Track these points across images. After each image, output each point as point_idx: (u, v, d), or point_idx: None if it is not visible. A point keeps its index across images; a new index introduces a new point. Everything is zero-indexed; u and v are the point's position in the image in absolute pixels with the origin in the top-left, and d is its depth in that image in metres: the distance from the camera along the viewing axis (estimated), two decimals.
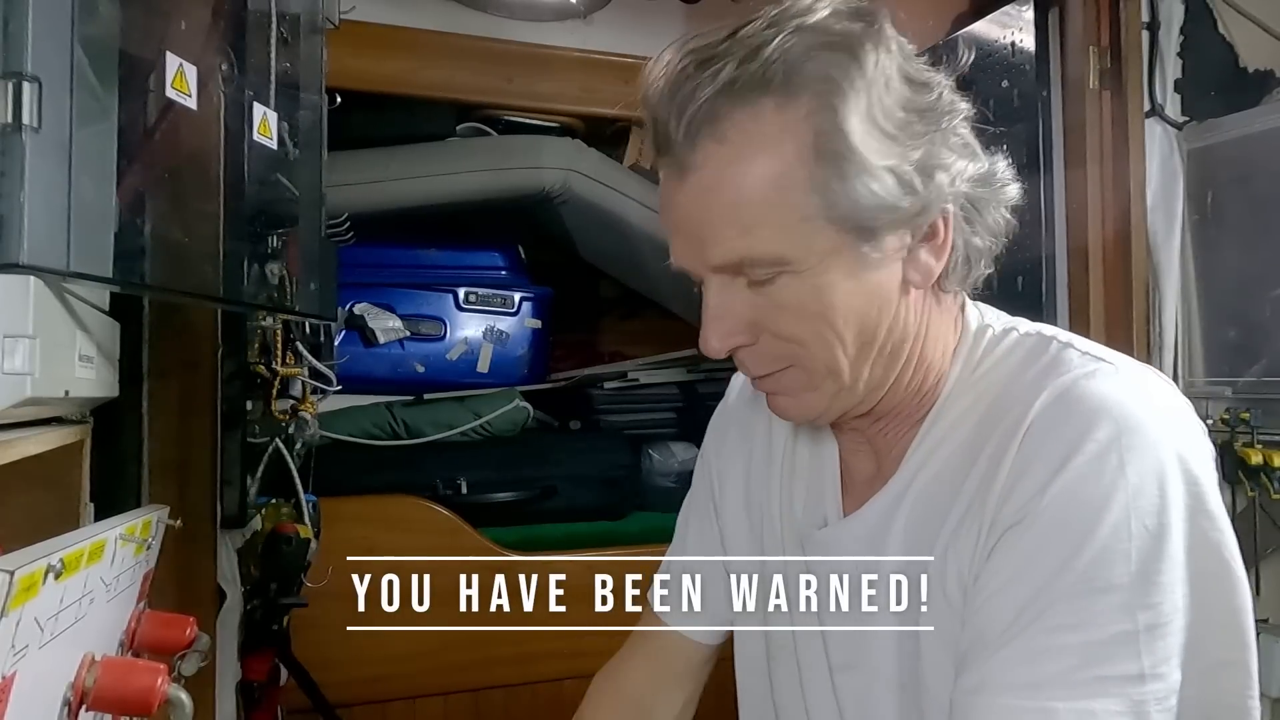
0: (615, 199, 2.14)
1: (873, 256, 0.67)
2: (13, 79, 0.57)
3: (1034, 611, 0.63)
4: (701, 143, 0.65)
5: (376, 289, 2.18)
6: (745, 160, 0.65)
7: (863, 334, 0.69)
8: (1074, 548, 0.63)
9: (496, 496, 2.08)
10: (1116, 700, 0.61)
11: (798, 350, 0.70)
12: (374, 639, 1.91)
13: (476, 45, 2.08)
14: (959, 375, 0.76)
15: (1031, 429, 0.67)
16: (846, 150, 0.64)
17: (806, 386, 0.72)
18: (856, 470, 0.82)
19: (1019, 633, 0.64)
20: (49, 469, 0.81)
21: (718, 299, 0.69)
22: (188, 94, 0.77)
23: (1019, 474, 0.66)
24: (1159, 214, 1.67)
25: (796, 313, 0.68)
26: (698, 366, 2.43)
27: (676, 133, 0.65)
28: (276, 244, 1.03)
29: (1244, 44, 1.72)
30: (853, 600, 0.79)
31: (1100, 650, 0.62)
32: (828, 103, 0.64)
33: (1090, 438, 0.64)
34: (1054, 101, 1.73)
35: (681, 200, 0.68)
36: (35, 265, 0.59)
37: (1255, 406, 1.58)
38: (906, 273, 0.70)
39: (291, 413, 1.49)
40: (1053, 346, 0.73)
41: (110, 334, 0.93)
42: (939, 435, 0.75)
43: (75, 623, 0.61)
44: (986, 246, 0.75)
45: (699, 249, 0.68)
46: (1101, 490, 0.63)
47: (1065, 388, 0.67)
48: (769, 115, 0.64)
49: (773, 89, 0.64)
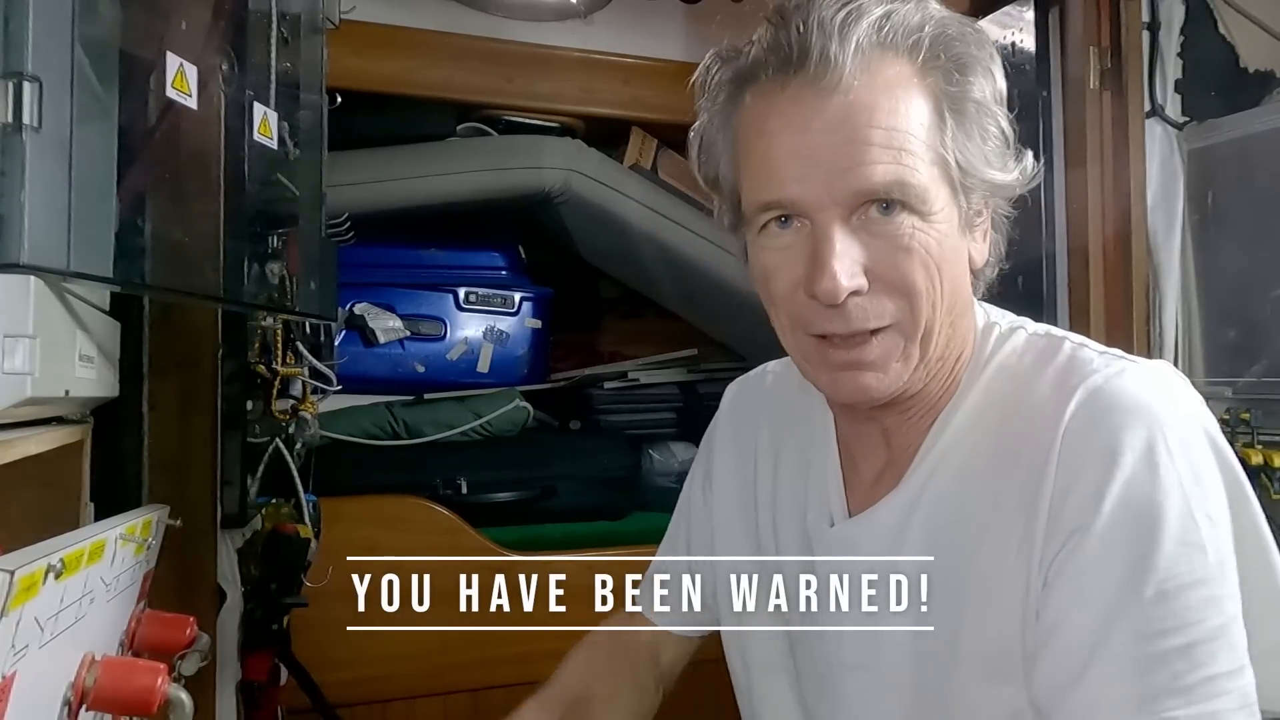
0: (615, 199, 2.14)
1: (965, 222, 0.70)
2: (13, 79, 0.57)
3: (1126, 622, 0.62)
4: (863, 67, 0.65)
5: (377, 289, 2.17)
6: (899, 90, 0.66)
7: (953, 294, 0.70)
8: (1148, 549, 0.62)
9: (496, 496, 2.08)
10: (1231, 697, 0.60)
11: (904, 305, 0.68)
12: (374, 639, 1.91)
13: (477, 45, 2.07)
14: (972, 371, 0.76)
15: (1069, 432, 0.66)
16: (974, 111, 0.68)
17: (898, 356, 0.70)
18: (862, 466, 0.82)
19: (1116, 646, 0.62)
20: (49, 469, 0.81)
21: (844, 239, 0.66)
22: (188, 94, 0.77)
23: (1069, 480, 0.65)
24: (1159, 214, 1.67)
25: (920, 258, 0.67)
26: (698, 366, 2.43)
27: (836, 50, 0.64)
28: (277, 244, 1.03)
29: (1244, 44, 1.72)
30: (870, 600, 0.77)
31: (1204, 649, 0.61)
32: (965, 72, 0.68)
33: (1136, 436, 0.64)
34: (1054, 102, 1.73)
35: (831, 114, 0.65)
36: (35, 265, 0.59)
37: (1255, 407, 1.58)
38: (971, 250, 0.73)
39: (292, 412, 1.49)
40: (1066, 346, 0.73)
41: (110, 334, 0.93)
42: (954, 433, 0.74)
43: (75, 622, 0.61)
44: (996, 245, 0.77)
45: (838, 173, 0.65)
46: (1160, 486, 0.63)
47: (1097, 388, 0.67)
48: (917, 69, 0.67)
49: (922, 50, 0.67)
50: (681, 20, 2.19)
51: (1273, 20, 1.72)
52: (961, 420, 0.74)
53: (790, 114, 0.66)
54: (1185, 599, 0.61)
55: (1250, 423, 1.58)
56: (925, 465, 0.75)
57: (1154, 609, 0.61)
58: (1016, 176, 0.72)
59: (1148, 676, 0.60)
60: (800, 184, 0.66)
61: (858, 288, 0.67)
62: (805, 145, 0.66)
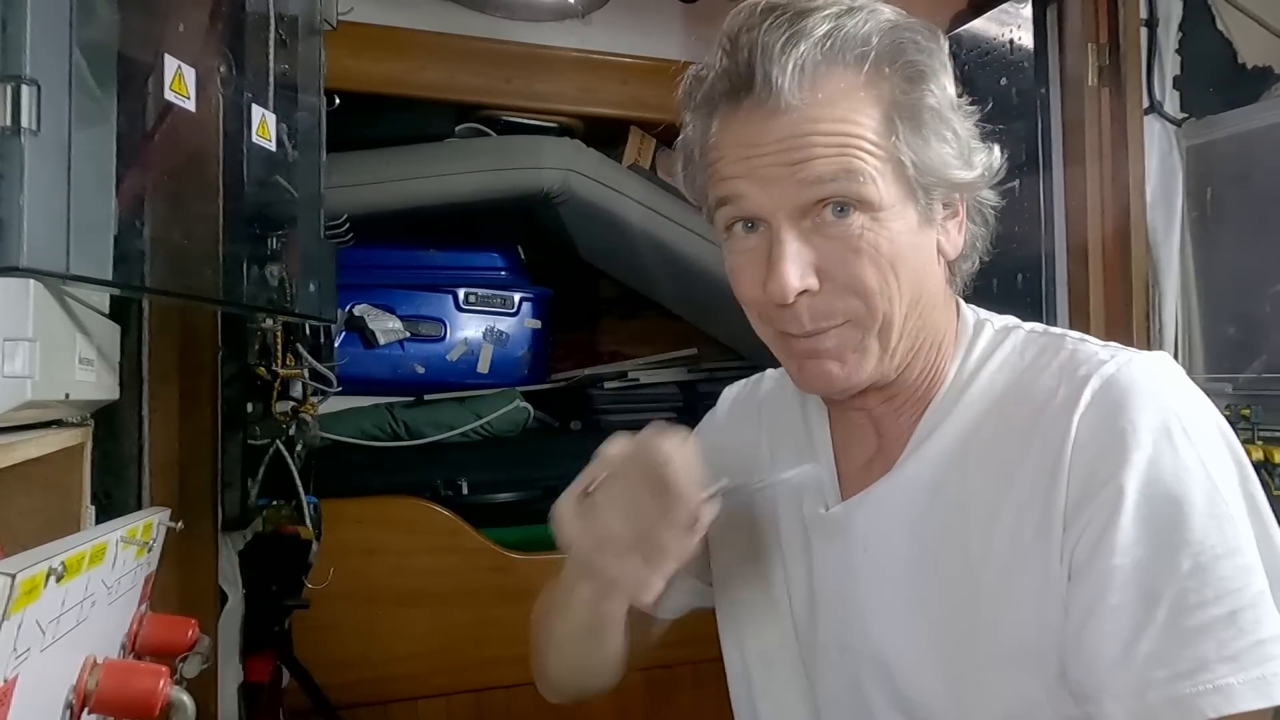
0: (615, 199, 2.14)
1: (925, 217, 0.73)
2: (11, 82, 0.57)
3: (1168, 597, 0.63)
4: (805, 87, 0.68)
5: (376, 290, 2.18)
6: (845, 101, 0.69)
7: (914, 289, 0.72)
8: (1179, 523, 0.63)
9: (497, 497, 2.09)
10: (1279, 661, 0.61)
11: (857, 304, 0.71)
12: (376, 640, 1.91)
13: (475, 46, 2.07)
14: (962, 363, 0.78)
15: (1086, 416, 0.68)
16: (928, 116, 0.71)
17: (856, 348, 0.73)
18: (854, 454, 0.83)
19: (1160, 621, 0.63)
20: (50, 472, 0.81)
21: (793, 242, 0.70)
22: (186, 96, 0.77)
23: (1090, 463, 0.67)
24: (1158, 211, 1.67)
25: (870, 257, 0.70)
26: (698, 366, 2.43)
27: (776, 75, 0.67)
28: (276, 245, 1.02)
29: (1242, 40, 1.72)
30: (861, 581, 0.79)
31: (1248, 615, 0.62)
32: (915, 79, 0.71)
33: (1153, 418, 0.66)
34: (1053, 99, 1.73)
35: (777, 130, 0.69)
36: (35, 268, 0.59)
37: (1255, 403, 1.58)
38: (939, 242, 0.75)
39: (292, 414, 1.49)
40: (1068, 341, 0.75)
41: (110, 336, 0.93)
42: (953, 422, 0.76)
43: (77, 626, 0.61)
44: (979, 238, 0.80)
45: (787, 181, 0.69)
46: (1182, 463, 0.65)
47: (1110, 375, 0.69)
48: (864, 79, 0.70)
49: (867, 61, 0.70)
50: (680, 20, 2.19)
51: (1271, 16, 1.72)
52: (961, 410, 0.76)
53: (743, 135, 0.71)
54: (1221, 568, 0.62)
55: (1250, 419, 1.58)
56: (922, 451, 0.76)
57: (1192, 580, 0.62)
58: (980, 173, 0.75)
59: (1195, 647, 0.61)
60: (750, 189, 0.71)
61: (807, 288, 0.70)
62: (754, 156, 0.70)
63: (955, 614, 0.73)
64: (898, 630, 0.76)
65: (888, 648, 0.77)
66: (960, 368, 0.78)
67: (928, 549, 0.75)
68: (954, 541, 0.73)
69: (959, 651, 0.72)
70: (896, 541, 0.77)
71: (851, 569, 0.80)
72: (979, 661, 0.71)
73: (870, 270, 0.70)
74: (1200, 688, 0.61)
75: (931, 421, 0.77)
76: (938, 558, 0.74)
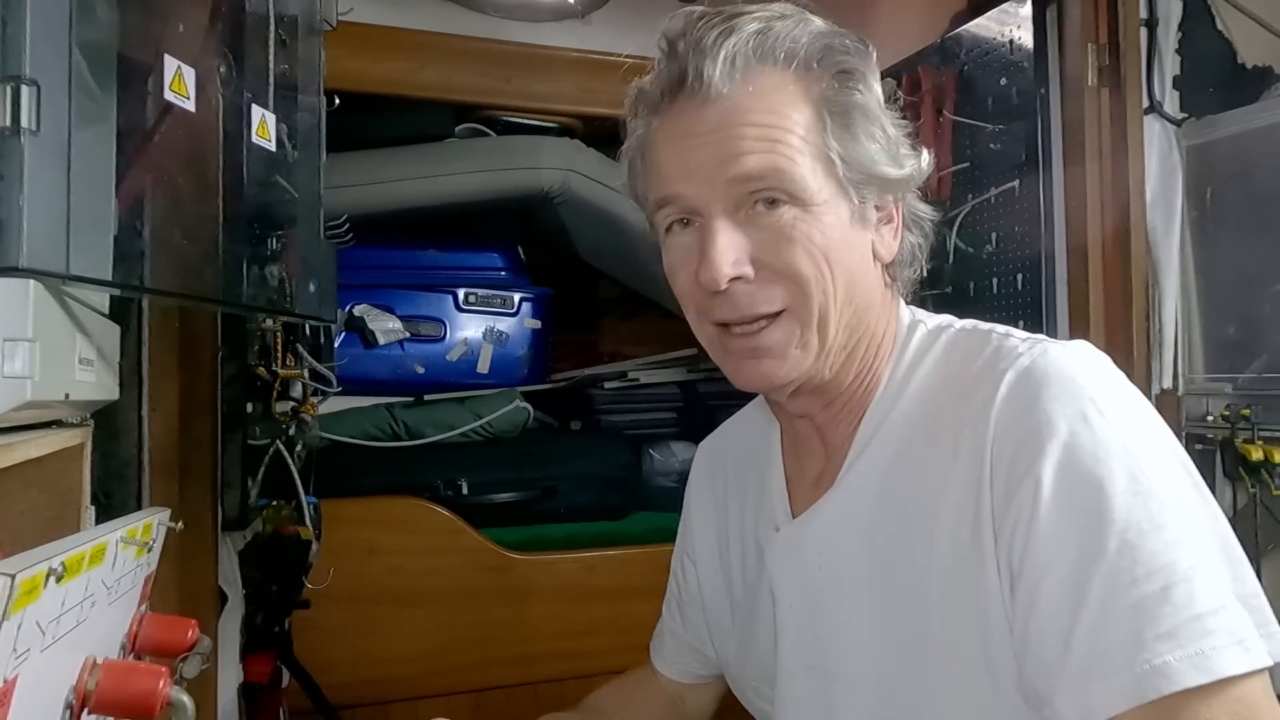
0: (614, 199, 2.14)
1: (858, 216, 0.74)
2: (11, 82, 0.57)
3: (1098, 580, 0.61)
4: (736, 78, 0.70)
5: (376, 290, 2.17)
6: (775, 95, 0.71)
7: (849, 284, 0.73)
8: (1101, 503, 0.62)
9: (497, 497, 2.08)
10: (1219, 635, 0.59)
11: (794, 290, 0.72)
12: (375, 640, 1.91)
13: (474, 46, 2.07)
14: (895, 366, 0.79)
15: (1001, 410, 0.68)
16: (857, 115, 0.73)
17: (796, 343, 0.73)
18: (806, 468, 0.84)
19: (1093, 604, 0.61)
20: (49, 472, 0.81)
21: (725, 231, 0.71)
22: (186, 96, 0.77)
23: (1007, 456, 0.66)
24: (1158, 211, 1.67)
25: (803, 246, 0.71)
26: (698, 366, 2.43)
27: (708, 67, 0.70)
28: (276, 246, 1.02)
29: (1242, 40, 1.72)
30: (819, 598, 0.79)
31: (1181, 590, 0.60)
32: (844, 77, 0.73)
33: (1067, 405, 0.66)
34: (1053, 99, 1.72)
35: (709, 121, 0.71)
36: (34, 268, 0.59)
37: (1255, 403, 1.58)
38: (874, 244, 0.77)
39: (292, 414, 1.49)
40: (993, 337, 0.75)
41: (110, 337, 0.93)
42: (889, 428, 0.76)
43: (77, 626, 0.61)
44: (917, 245, 0.81)
45: (719, 168, 0.71)
46: (1099, 443, 0.64)
47: (1025, 368, 0.69)
48: (793, 76, 0.72)
49: (796, 59, 0.72)
50: None
51: (1270, 16, 1.72)
52: (897, 414, 0.76)
53: (676, 126, 0.73)
54: (1149, 544, 0.61)
55: (1250, 419, 1.58)
56: (862, 461, 0.77)
57: (1121, 560, 0.61)
58: (909, 173, 0.76)
59: (1130, 627, 0.60)
60: (684, 182, 0.73)
61: (740, 274, 0.71)
62: (688, 148, 0.72)
63: (910, 624, 0.72)
64: (860, 645, 0.75)
65: (852, 663, 0.76)
66: (894, 370, 0.78)
67: (880, 560, 0.74)
68: (902, 550, 0.73)
69: (918, 662, 0.71)
70: (850, 555, 0.76)
71: (809, 587, 0.79)
72: (937, 671, 0.70)
73: (804, 258, 0.71)
74: (1139, 669, 0.59)
75: (870, 427, 0.77)
76: (889, 568, 0.74)
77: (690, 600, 1.00)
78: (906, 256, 0.80)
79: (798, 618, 0.80)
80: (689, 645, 1.02)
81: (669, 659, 1.04)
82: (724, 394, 2.39)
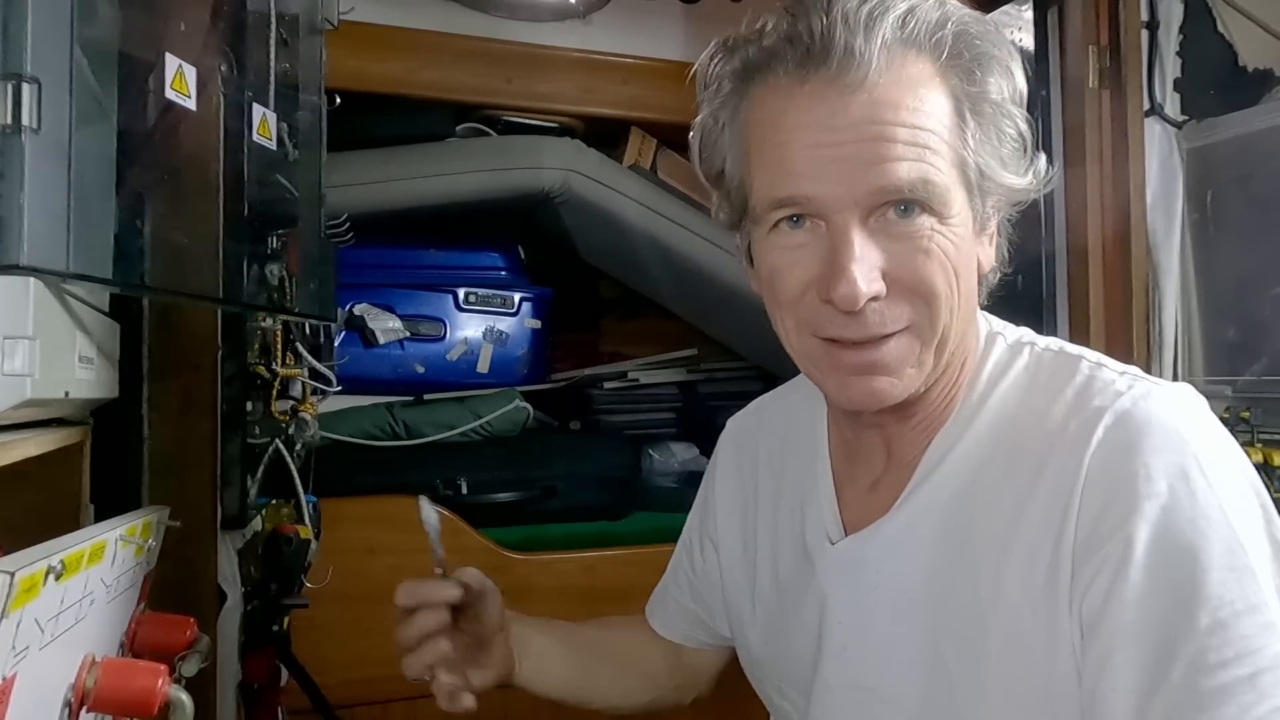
0: (615, 199, 2.14)
1: (980, 226, 0.69)
2: (12, 80, 0.57)
3: (1184, 656, 0.58)
4: (889, 63, 0.62)
5: (376, 289, 2.17)
6: (923, 89, 0.64)
7: (968, 301, 0.69)
8: (1197, 576, 0.59)
9: (497, 497, 2.08)
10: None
11: (922, 309, 0.66)
12: (375, 640, 1.91)
13: (475, 46, 2.07)
14: (973, 383, 0.73)
15: (1098, 455, 0.63)
16: (994, 115, 0.66)
17: (913, 361, 0.67)
18: (859, 475, 0.79)
19: (1176, 681, 0.58)
20: (49, 470, 0.81)
21: (863, 243, 0.63)
22: (187, 95, 0.77)
23: (1100, 506, 0.62)
24: (1159, 213, 1.67)
25: (939, 261, 0.65)
26: (698, 366, 2.43)
27: (859, 42, 0.61)
28: (276, 245, 1.03)
29: (1243, 43, 1.72)
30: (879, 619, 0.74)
31: (1269, 678, 0.57)
32: (985, 71, 0.66)
33: (1170, 461, 0.61)
34: (1053, 101, 1.73)
35: (854, 113, 0.62)
36: (35, 266, 0.59)
37: (1255, 405, 1.58)
38: (979, 255, 0.71)
39: (292, 413, 1.49)
40: (1084, 366, 0.70)
41: (110, 335, 0.93)
42: (964, 448, 0.71)
43: (76, 624, 0.61)
44: (1002, 249, 0.76)
45: (861, 171, 0.62)
46: (1200, 511, 0.60)
47: (1125, 410, 0.64)
48: (938, 67, 0.65)
49: (944, 47, 0.65)
50: (681, 20, 2.19)
51: (1271, 19, 1.72)
52: (972, 435, 0.71)
53: (811, 110, 0.63)
54: (1242, 626, 0.58)
55: (1250, 421, 1.58)
56: (934, 479, 0.72)
57: (1211, 639, 0.58)
58: (1030, 180, 0.70)
59: (1214, 711, 0.57)
60: (819, 182, 0.64)
61: (877, 293, 0.64)
62: (827, 142, 0.63)
63: (965, 656, 0.68)
64: (909, 670, 0.72)
65: (898, 688, 0.72)
66: (973, 385, 0.73)
67: (940, 585, 0.70)
68: (965, 578, 0.69)
69: (969, 695, 0.68)
70: (910, 575, 0.72)
71: (862, 605, 0.75)
72: (990, 706, 0.67)
73: (939, 274, 0.65)
74: None
75: (944, 445, 0.72)
76: (949, 594, 0.70)
77: (706, 583, 0.96)
78: (997, 263, 0.75)
79: (845, 635, 0.76)
80: (696, 617, 0.99)
81: (672, 624, 1.00)
82: (724, 394, 2.40)
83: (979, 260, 0.71)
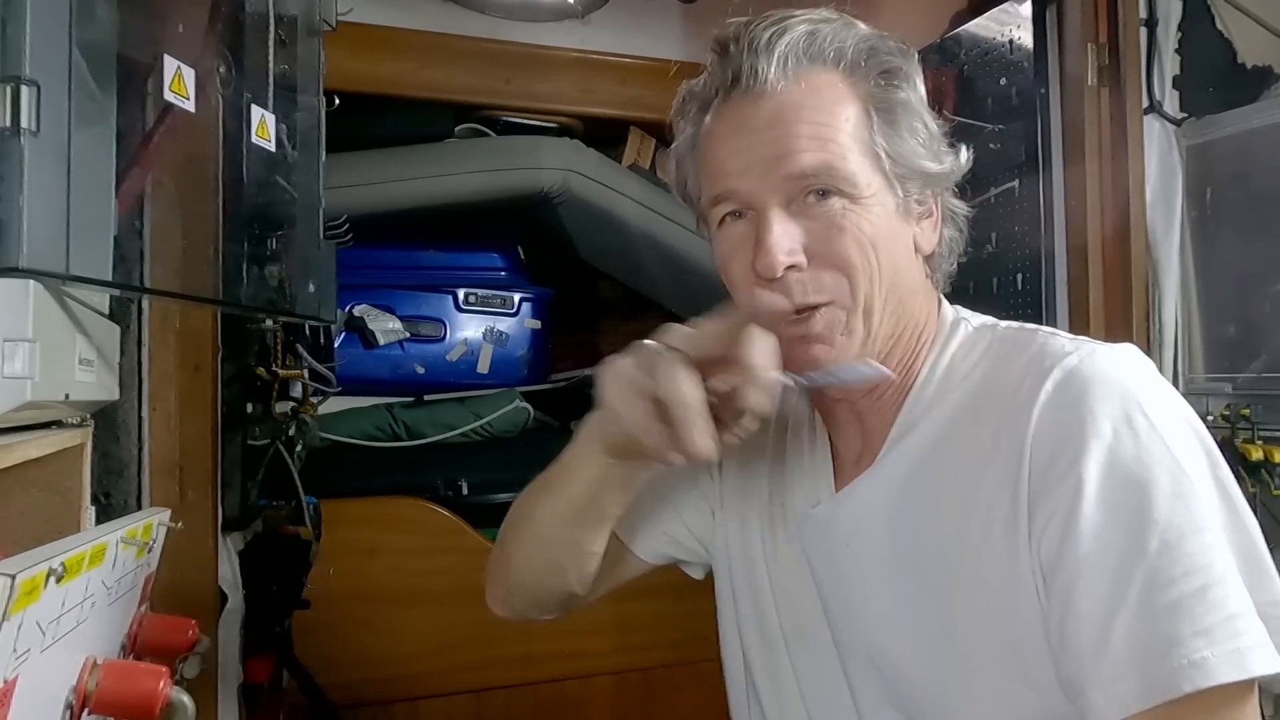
0: (614, 199, 2.14)
1: (902, 209, 0.78)
2: (11, 82, 0.57)
3: (1138, 578, 0.63)
4: (789, 76, 0.75)
5: (376, 290, 2.18)
6: (826, 93, 0.76)
7: (893, 273, 0.76)
8: (1144, 505, 0.64)
9: (497, 497, 2.08)
10: (1252, 635, 0.61)
11: (841, 280, 0.75)
12: (376, 641, 1.91)
13: (474, 46, 2.08)
14: (936, 360, 0.81)
15: (1045, 407, 0.69)
16: (901, 112, 0.77)
17: (841, 329, 0.76)
18: (846, 451, 0.86)
19: (1132, 602, 0.63)
20: (49, 472, 0.81)
21: (780, 221, 0.75)
22: (185, 97, 0.77)
23: (1049, 454, 0.68)
24: (1158, 210, 1.67)
25: (853, 235, 0.74)
26: None
27: (762, 65, 0.74)
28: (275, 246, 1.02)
29: (1242, 40, 1.72)
30: (844, 576, 0.81)
31: (1218, 591, 0.62)
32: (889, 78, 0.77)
33: (1113, 406, 0.67)
34: (1052, 99, 1.72)
35: (763, 116, 0.75)
36: (34, 269, 0.59)
37: (1255, 402, 1.58)
38: (916, 237, 0.80)
39: (292, 415, 1.49)
40: (1039, 336, 0.77)
41: (110, 337, 0.93)
42: (930, 416, 0.78)
43: (77, 626, 0.61)
44: (953, 239, 0.84)
45: (773, 162, 0.74)
46: (1143, 446, 0.66)
47: (1072, 367, 0.70)
48: (841, 75, 0.76)
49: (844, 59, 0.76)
50: (679, 20, 2.20)
51: (1270, 16, 1.72)
52: (937, 406, 0.78)
53: (732, 120, 0.77)
54: (1189, 545, 0.63)
55: (1250, 418, 1.58)
56: (901, 445, 0.79)
57: (1161, 559, 0.63)
58: (949, 167, 0.80)
59: (1169, 624, 0.62)
60: (742, 177, 0.76)
61: (795, 263, 0.74)
62: (743, 144, 0.76)
63: (935, 608, 0.74)
64: (883, 625, 0.78)
65: (875, 642, 0.79)
66: (936, 362, 0.80)
67: (907, 543, 0.77)
68: (930, 536, 0.75)
69: (941, 645, 0.74)
70: (877, 537, 0.79)
71: (836, 565, 0.82)
72: (960, 655, 0.73)
73: (853, 247, 0.74)
74: (1177, 663, 0.61)
75: (911, 415, 0.79)
76: (916, 552, 0.76)
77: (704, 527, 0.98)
78: (945, 250, 0.83)
79: (826, 594, 0.84)
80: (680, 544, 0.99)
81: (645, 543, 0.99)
82: None
83: (916, 241, 0.80)
